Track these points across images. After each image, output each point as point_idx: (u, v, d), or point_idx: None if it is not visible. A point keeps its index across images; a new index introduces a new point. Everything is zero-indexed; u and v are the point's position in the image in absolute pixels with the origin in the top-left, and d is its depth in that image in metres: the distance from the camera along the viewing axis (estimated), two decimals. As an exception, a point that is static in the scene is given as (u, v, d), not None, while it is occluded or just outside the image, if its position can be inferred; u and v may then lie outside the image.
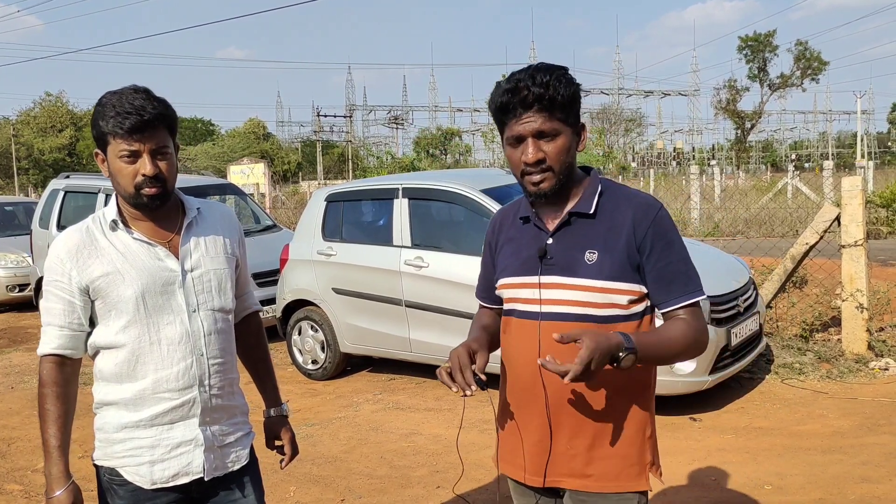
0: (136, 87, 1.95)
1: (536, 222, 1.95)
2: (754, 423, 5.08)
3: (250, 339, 2.36)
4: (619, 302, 1.85)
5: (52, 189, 9.68)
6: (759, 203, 16.63)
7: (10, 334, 9.61)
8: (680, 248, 1.89)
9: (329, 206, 6.83)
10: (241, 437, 2.18)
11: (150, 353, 2.00)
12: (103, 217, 2.05)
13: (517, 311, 1.97)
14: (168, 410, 2.02)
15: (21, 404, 6.42)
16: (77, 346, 2.05)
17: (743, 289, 5.62)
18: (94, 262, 1.98)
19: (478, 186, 6.00)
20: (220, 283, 2.11)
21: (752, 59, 59.88)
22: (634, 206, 1.89)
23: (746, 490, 4.06)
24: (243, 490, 2.15)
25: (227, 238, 2.17)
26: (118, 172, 1.95)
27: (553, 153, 1.83)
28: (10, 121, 54.05)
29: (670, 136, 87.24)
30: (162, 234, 2.05)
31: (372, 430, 5.34)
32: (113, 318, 2.00)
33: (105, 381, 2.06)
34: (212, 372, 2.06)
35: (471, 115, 76.62)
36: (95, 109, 1.97)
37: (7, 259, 10.82)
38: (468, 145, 58.49)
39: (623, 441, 1.91)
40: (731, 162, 63.71)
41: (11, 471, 4.93)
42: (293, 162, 62.47)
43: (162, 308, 2.00)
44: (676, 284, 1.87)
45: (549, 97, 1.79)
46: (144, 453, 2.02)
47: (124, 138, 1.90)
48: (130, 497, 2.04)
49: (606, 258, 1.85)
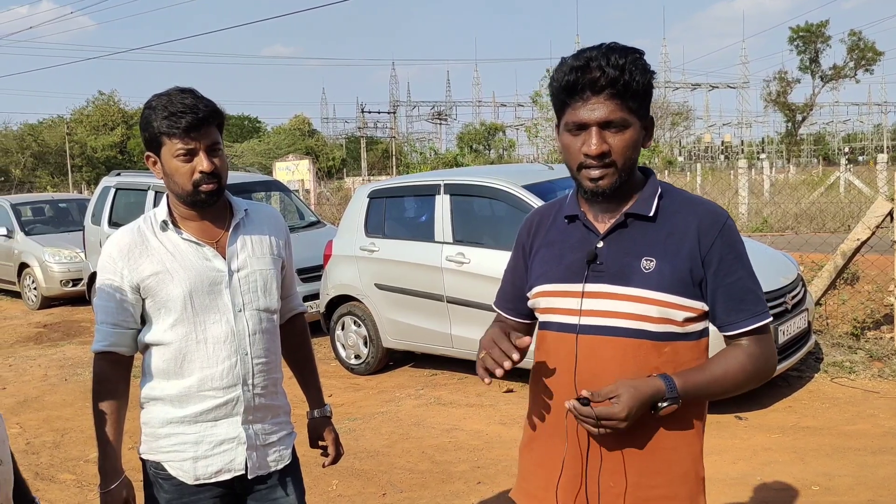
0: (182, 88, 1.98)
1: (585, 222, 1.72)
2: (802, 423, 4.98)
3: (295, 339, 2.37)
4: (674, 318, 1.62)
5: (104, 186, 9.90)
6: (809, 198, 16.25)
7: (64, 327, 9.89)
8: (748, 263, 1.68)
9: (372, 202, 6.88)
10: (284, 437, 2.20)
11: (196, 352, 2.03)
12: (154, 217, 2.08)
13: (555, 324, 1.73)
14: (212, 408, 2.05)
15: (74, 396, 6.61)
16: (128, 343, 2.10)
17: (791, 285, 5.51)
18: (145, 262, 2.02)
19: (520, 182, 5.99)
20: (266, 284, 2.13)
21: (803, 50, 58.54)
22: (700, 213, 1.67)
23: (793, 490, 3.99)
24: (285, 489, 2.17)
25: (273, 239, 2.19)
26: (175, 172, 1.97)
27: (619, 147, 1.60)
28: (65, 119, 55.51)
29: (718, 129, 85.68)
30: (211, 235, 2.08)
31: (414, 425, 5.37)
32: (162, 317, 2.04)
33: (153, 376, 2.10)
34: (255, 371, 2.09)
35: (514, 109, 76.32)
36: (144, 113, 2.00)
37: (61, 254, 11.10)
38: (512, 140, 58.20)
39: (674, 480, 1.67)
40: (781, 155, 62.41)
41: (65, 461, 5.08)
42: (337, 158, 63.01)
43: (208, 307, 2.03)
44: (746, 304, 1.65)
45: (625, 82, 1.56)
46: (188, 449, 2.06)
47: (180, 137, 1.93)
48: (174, 491, 2.07)
49: (666, 267, 1.62)
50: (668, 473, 1.67)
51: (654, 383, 1.56)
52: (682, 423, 1.67)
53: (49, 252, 11.11)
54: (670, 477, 1.67)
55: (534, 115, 39.91)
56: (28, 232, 11.82)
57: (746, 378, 1.66)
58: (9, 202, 12.62)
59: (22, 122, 62.27)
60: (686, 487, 1.68)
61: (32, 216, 12.70)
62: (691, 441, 1.69)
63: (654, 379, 1.57)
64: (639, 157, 1.69)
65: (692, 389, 1.59)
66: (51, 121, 56.93)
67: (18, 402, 6.45)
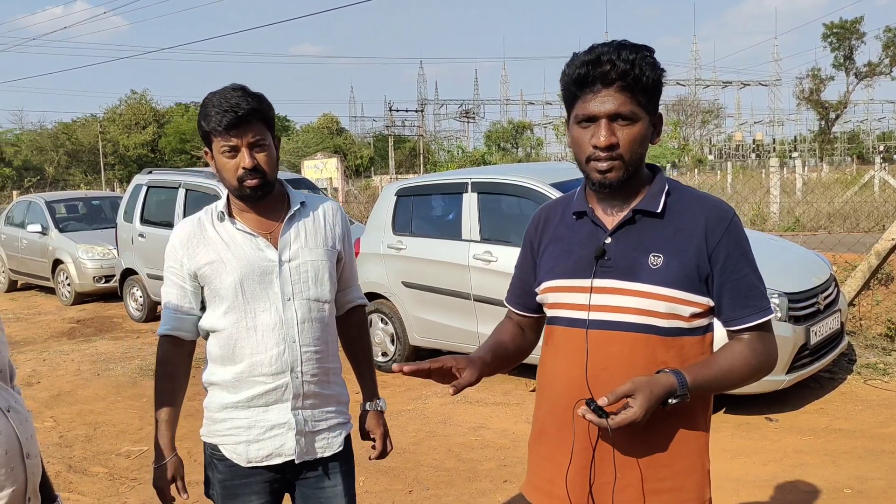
0: (235, 86, 2.08)
1: (593, 218, 1.74)
2: (834, 425, 4.90)
3: (352, 331, 2.42)
4: (681, 313, 1.65)
5: (136, 184, 10.02)
6: (842, 196, 15.98)
7: (96, 323, 10.05)
8: (752, 260, 1.71)
9: (399, 200, 6.89)
10: (335, 426, 2.24)
11: (246, 338, 2.11)
12: (214, 209, 2.19)
13: (563, 319, 1.75)
14: (262, 393, 2.13)
15: (106, 390, 6.71)
16: (189, 328, 2.21)
17: (823, 286, 5.42)
18: (202, 251, 2.14)
19: (547, 180, 5.97)
20: (318, 274, 2.18)
21: (837, 46, 57.60)
22: (707, 209, 1.69)
23: (825, 493, 3.93)
24: (333, 478, 2.22)
25: (329, 231, 2.24)
26: (222, 167, 2.08)
27: (627, 140, 1.63)
28: (98, 118, 56.36)
29: (749, 127, 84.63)
30: (265, 226, 2.16)
31: (440, 422, 5.38)
32: (216, 304, 2.14)
33: (212, 362, 2.21)
34: (304, 359, 2.14)
35: (542, 108, 76.05)
36: (200, 110, 2.10)
37: (94, 251, 11.26)
38: (540, 139, 58.08)
39: (681, 472, 1.70)
40: (814, 154, 61.47)
41: (97, 454, 5.16)
42: (365, 156, 63.29)
43: (258, 296, 2.11)
44: (751, 300, 1.68)
45: (635, 76, 1.59)
46: (242, 433, 2.14)
47: (223, 135, 2.03)
48: (228, 472, 2.17)
49: (674, 263, 1.65)
50: (675, 466, 1.69)
51: (667, 381, 1.57)
52: (688, 417, 1.69)
53: (82, 249, 11.27)
54: (677, 469, 1.69)
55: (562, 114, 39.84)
56: (62, 229, 12.00)
57: (751, 372, 1.69)
58: (43, 200, 12.83)
59: (56, 121, 63.24)
60: (693, 480, 1.70)
61: (66, 213, 12.89)
62: (698, 434, 1.72)
63: (666, 376, 1.58)
64: (646, 152, 1.71)
65: (701, 384, 1.61)
66: (84, 119, 57.83)
67: (52, 396, 6.57)
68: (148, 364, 7.56)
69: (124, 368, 7.46)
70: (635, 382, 1.55)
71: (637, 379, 1.57)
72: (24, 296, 12.80)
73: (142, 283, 9.66)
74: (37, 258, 12.14)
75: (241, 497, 2.16)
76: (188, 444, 5.21)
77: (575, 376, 1.69)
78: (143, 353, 8.13)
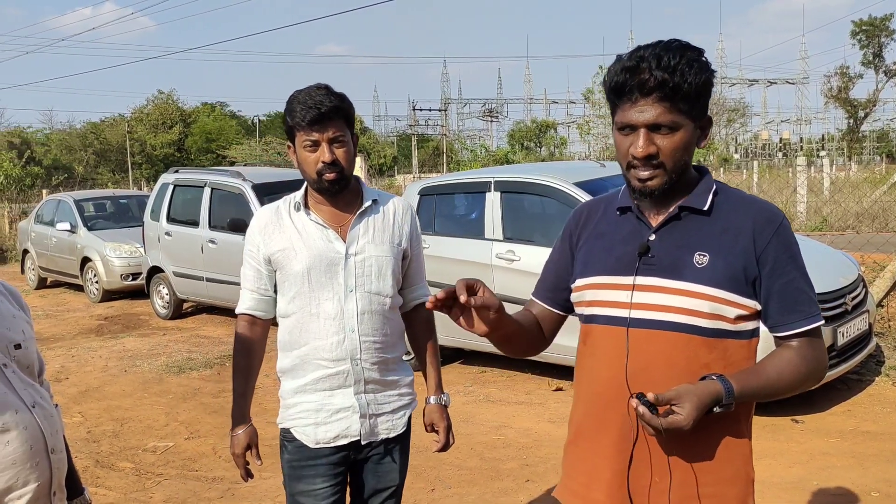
0: (319, 85, 2.21)
1: (638, 214, 1.70)
2: (862, 427, 4.84)
3: (418, 326, 2.51)
4: (726, 315, 1.59)
5: (163, 183, 10.13)
6: (871, 196, 15.75)
7: (124, 320, 10.17)
8: (802, 265, 1.64)
9: (422, 199, 6.90)
10: (398, 408, 2.38)
11: (309, 324, 2.25)
12: (292, 199, 2.33)
13: (601, 317, 1.71)
14: (325, 377, 2.26)
15: (133, 387, 6.79)
16: (264, 308, 2.36)
17: (851, 286, 5.36)
18: (276, 238, 2.28)
19: (571, 179, 5.95)
20: (381, 269, 2.29)
21: (866, 44, 56.83)
22: (755, 210, 1.64)
23: (852, 496, 3.89)
24: (392, 457, 2.38)
25: (397, 230, 2.36)
26: (304, 161, 2.22)
27: (668, 149, 1.57)
28: (126, 118, 56.96)
29: (776, 126, 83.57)
30: (337, 219, 2.29)
31: (462, 421, 5.39)
32: (286, 289, 2.29)
33: (281, 350, 2.35)
34: (363, 348, 2.26)
35: (566, 106, 75.72)
36: (285, 107, 2.23)
37: (122, 249, 11.40)
38: (563, 138, 57.80)
39: (723, 480, 1.64)
40: (842, 153, 60.63)
41: (124, 449, 5.23)
42: (389, 156, 63.38)
43: (324, 285, 2.24)
44: (800, 305, 1.62)
45: (674, 85, 1.53)
46: (310, 416, 2.28)
47: (306, 130, 2.17)
48: (297, 452, 2.30)
49: (720, 263, 1.59)
50: (717, 473, 1.63)
51: (714, 389, 1.52)
52: (732, 423, 1.64)
53: (110, 247, 11.42)
54: (719, 476, 1.63)
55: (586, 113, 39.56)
56: (90, 227, 12.17)
57: (799, 381, 1.64)
58: (72, 198, 13.02)
59: (85, 121, 64.13)
60: (735, 488, 1.65)
61: (94, 212, 13.06)
62: (741, 441, 1.66)
63: (713, 383, 1.53)
64: (692, 156, 1.65)
65: (748, 393, 1.56)
66: (112, 119, 58.48)
67: (80, 392, 6.67)
68: (174, 361, 7.65)
69: (150, 365, 7.55)
70: (683, 389, 1.51)
71: (685, 386, 1.52)
72: (53, 293, 13.00)
73: (168, 281, 9.77)
74: (66, 256, 12.32)
75: (305, 478, 2.28)
76: (213, 440, 5.26)
77: (613, 376, 1.65)
78: (169, 350, 8.22)
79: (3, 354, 1.73)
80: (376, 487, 2.38)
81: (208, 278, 9.09)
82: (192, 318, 10.01)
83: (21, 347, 1.78)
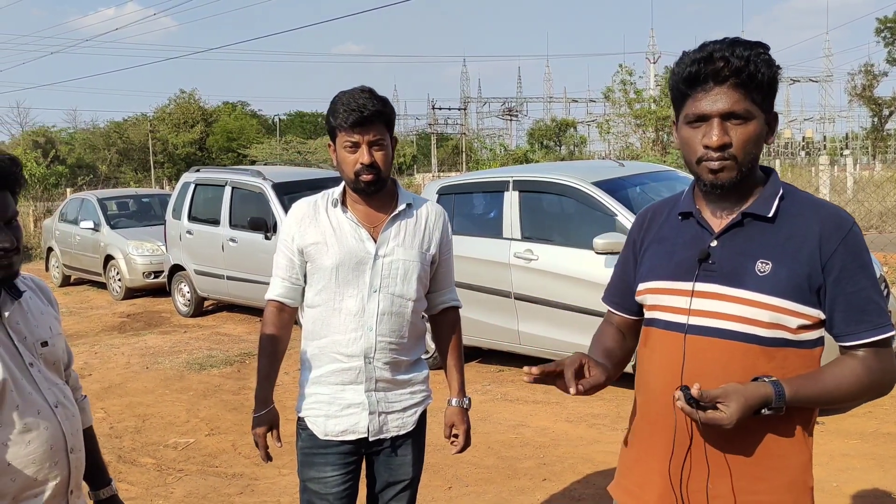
0: (363, 88, 2.27)
1: (700, 220, 1.67)
2: (883, 429, 4.80)
3: (445, 330, 2.56)
4: (787, 324, 1.56)
5: (184, 182, 10.22)
6: (895, 195, 15.54)
7: (146, 318, 10.28)
8: (872, 273, 1.58)
9: (441, 198, 6.91)
10: (409, 406, 2.41)
11: (332, 317, 2.31)
12: (331, 194, 2.38)
13: (660, 321, 1.70)
14: (339, 371, 2.31)
15: (155, 383, 6.87)
16: (293, 296, 2.41)
17: (873, 287, 5.30)
18: (311, 231, 2.33)
19: (589, 179, 5.94)
20: (407, 273, 2.34)
21: (890, 41, 55.99)
22: (823, 216, 1.59)
23: (872, 498, 3.86)
24: (403, 453, 2.41)
25: (428, 234, 2.40)
26: (343, 161, 2.27)
27: (740, 140, 1.55)
28: (148, 117, 57.46)
29: (799, 124, 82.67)
30: (372, 219, 2.34)
31: (480, 420, 5.40)
32: (315, 282, 2.35)
33: (304, 339, 2.40)
34: (378, 347, 2.30)
35: (586, 105, 75.28)
36: (329, 107, 2.29)
37: (144, 247, 11.52)
38: (583, 136, 57.50)
39: (779, 488, 1.60)
40: (866, 152, 59.89)
41: (145, 445, 5.30)
42: (408, 154, 63.44)
43: (350, 282, 2.29)
44: (868, 315, 1.56)
45: (749, 73, 1.52)
46: (322, 407, 2.34)
47: (347, 131, 2.22)
48: (309, 441, 2.36)
49: (783, 271, 1.55)
50: (773, 480, 1.61)
51: (763, 391, 1.50)
52: (790, 430, 1.61)
53: (132, 245, 11.54)
54: (775, 484, 1.61)
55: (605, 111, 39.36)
56: (113, 225, 12.29)
57: (861, 392, 1.60)
58: (95, 197, 13.17)
59: (108, 120, 64.75)
60: (792, 497, 1.62)
61: (117, 210, 13.18)
62: (801, 449, 1.63)
63: (763, 385, 1.51)
64: (760, 152, 1.62)
65: (802, 398, 1.53)
66: (135, 119, 59.00)
67: (103, 388, 6.75)
68: (195, 358, 7.73)
69: (172, 362, 7.63)
70: (730, 388, 1.50)
71: (732, 385, 1.51)
72: (76, 290, 13.16)
73: (189, 279, 9.86)
74: (89, 254, 12.46)
75: (316, 466, 2.34)
76: (233, 436, 5.31)
77: (669, 381, 1.63)
78: (190, 347, 8.31)
79: (31, 353, 1.77)
80: (389, 480, 2.42)
81: (229, 276, 9.16)
82: (212, 316, 10.10)
83: (48, 345, 1.82)
